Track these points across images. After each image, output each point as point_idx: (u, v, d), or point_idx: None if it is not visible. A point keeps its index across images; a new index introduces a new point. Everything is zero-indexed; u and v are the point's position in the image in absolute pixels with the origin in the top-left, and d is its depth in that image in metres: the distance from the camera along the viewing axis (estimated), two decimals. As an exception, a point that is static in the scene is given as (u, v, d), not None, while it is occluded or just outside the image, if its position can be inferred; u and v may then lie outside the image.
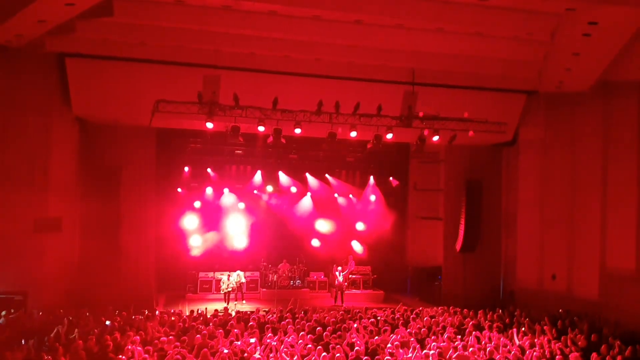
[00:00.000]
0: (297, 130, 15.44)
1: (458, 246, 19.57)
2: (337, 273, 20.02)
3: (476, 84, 17.04)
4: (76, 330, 12.27)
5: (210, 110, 14.73)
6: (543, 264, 18.37)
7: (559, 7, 12.35)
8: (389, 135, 15.94)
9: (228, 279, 19.03)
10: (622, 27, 13.04)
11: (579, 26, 13.15)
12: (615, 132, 16.79)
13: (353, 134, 15.70)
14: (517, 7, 12.58)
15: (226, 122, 15.34)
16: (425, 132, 16.00)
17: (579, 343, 12.87)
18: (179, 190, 20.95)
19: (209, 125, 14.99)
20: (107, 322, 13.27)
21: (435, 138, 16.19)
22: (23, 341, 11.11)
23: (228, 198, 21.48)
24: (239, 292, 19.36)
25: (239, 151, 20.96)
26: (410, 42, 14.03)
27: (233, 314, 15.30)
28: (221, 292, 19.05)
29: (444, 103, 16.58)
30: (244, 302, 19.13)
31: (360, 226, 22.56)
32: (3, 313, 12.83)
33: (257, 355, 11.15)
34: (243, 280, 19.57)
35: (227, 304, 18.27)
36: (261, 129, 15.36)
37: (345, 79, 16.29)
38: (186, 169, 21.04)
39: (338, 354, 11.23)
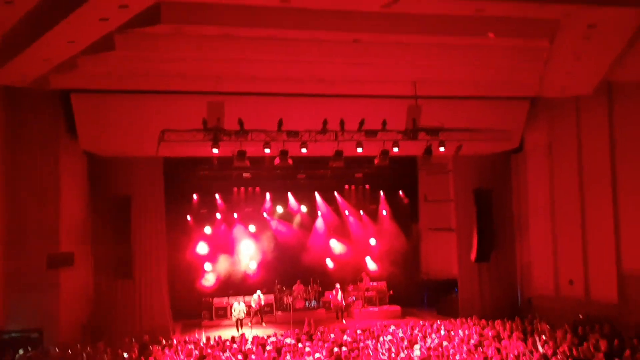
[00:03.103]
0: (304, 150, 15.52)
1: (472, 256, 19.42)
2: (334, 292, 19.92)
3: (479, 94, 17.03)
4: (94, 364, 12.27)
5: (215, 137, 14.83)
6: (559, 270, 18.17)
7: (556, 12, 12.35)
8: (395, 149, 15.97)
9: (240, 305, 18.93)
10: (621, 28, 13.00)
11: (577, 30, 13.13)
12: (621, 133, 16.66)
13: (359, 150, 15.75)
14: (514, 15, 12.59)
15: (232, 147, 15.42)
16: (431, 144, 16.01)
17: (602, 348, 12.69)
18: (189, 218, 20.99)
19: (215, 151, 15.07)
20: (125, 355, 13.24)
21: (442, 149, 16.20)
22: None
23: (238, 222, 21.49)
24: (260, 314, 19.26)
25: (246, 175, 21.00)
26: (409, 56, 14.06)
27: (250, 339, 15.21)
28: (233, 319, 18.91)
29: (448, 114, 16.60)
30: (263, 324, 19.02)
31: (372, 242, 22.46)
32: (20, 352, 12.83)
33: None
34: (262, 302, 19.49)
35: (241, 328, 18.19)
36: (267, 151, 15.42)
37: (349, 97, 16.34)
38: (195, 196, 21.13)
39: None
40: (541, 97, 17.74)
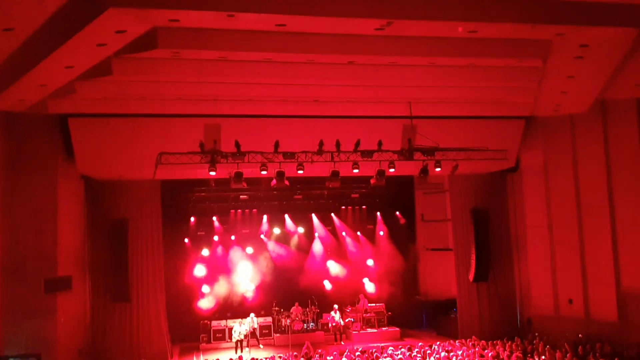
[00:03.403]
0: (300, 172, 15.57)
1: (471, 276, 19.38)
2: (332, 313, 19.87)
3: (474, 113, 17.21)
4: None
5: (212, 159, 14.87)
6: (558, 289, 18.12)
7: (548, 33, 12.52)
8: (392, 170, 16.02)
9: (240, 326, 18.83)
10: (613, 47, 13.16)
11: (570, 49, 13.29)
12: (617, 150, 16.80)
13: (355, 170, 15.80)
14: (507, 36, 12.76)
15: (229, 168, 15.46)
16: (427, 164, 16.09)
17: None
18: (186, 240, 20.96)
19: (212, 173, 15.11)
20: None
21: (438, 169, 16.25)
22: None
23: (235, 245, 21.44)
24: (254, 338, 19.15)
25: (244, 196, 21.04)
26: (404, 77, 14.19)
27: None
28: (232, 340, 18.80)
29: (444, 134, 16.65)
30: (261, 346, 18.89)
31: (370, 263, 22.41)
32: (17, 377, 12.74)
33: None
34: (256, 325, 19.39)
35: (242, 351, 18.06)
36: (264, 172, 15.47)
37: (344, 118, 16.50)
38: (192, 218, 21.12)
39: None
40: (536, 117, 17.89)
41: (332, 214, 22.79)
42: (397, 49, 12.51)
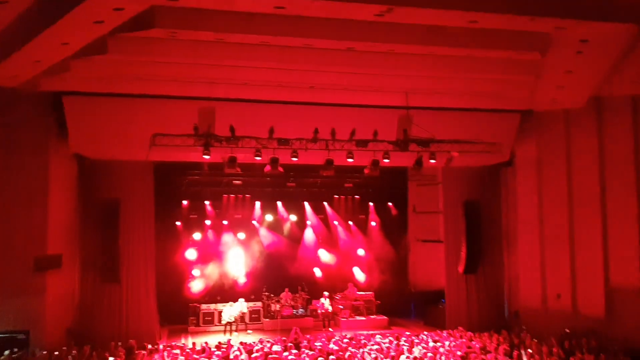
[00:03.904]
0: (294, 159, 15.53)
1: (461, 268, 19.45)
2: (322, 300, 19.96)
3: (470, 106, 17.18)
4: (78, 368, 12.16)
5: (206, 142, 14.81)
6: (547, 283, 18.21)
7: (548, 26, 12.49)
8: (386, 160, 15.99)
9: (230, 308, 18.93)
10: (613, 43, 13.19)
11: (569, 44, 13.29)
12: (611, 147, 16.85)
13: (350, 160, 15.75)
14: (506, 27, 12.73)
15: (223, 153, 15.40)
16: (422, 155, 16.07)
17: (587, 362, 12.75)
18: (178, 223, 20.92)
19: (206, 157, 15.04)
20: (110, 359, 13.13)
21: (432, 161, 16.24)
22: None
23: (227, 230, 21.43)
24: (242, 322, 19.20)
25: (237, 182, 20.99)
26: (402, 66, 14.16)
27: (236, 346, 15.13)
28: (222, 322, 18.89)
29: (439, 125, 16.62)
30: (249, 331, 18.94)
31: (361, 252, 22.45)
32: (6, 353, 12.72)
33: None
34: (245, 310, 19.44)
35: (230, 334, 18.12)
36: (258, 158, 15.41)
37: (340, 106, 16.41)
38: (184, 202, 21.07)
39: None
40: (532, 111, 17.89)
41: (325, 203, 22.78)
42: (396, 37, 12.47)
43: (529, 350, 13.99)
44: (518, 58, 14.24)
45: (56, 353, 13.34)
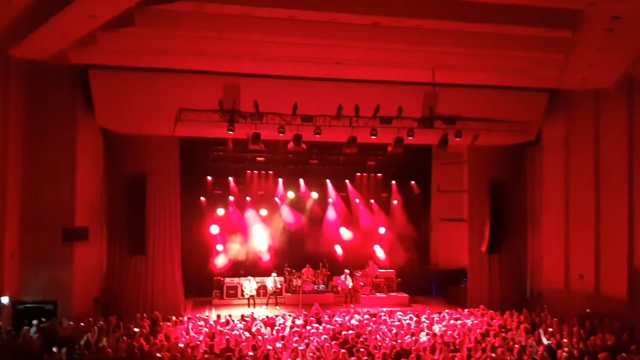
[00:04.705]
0: (318, 135, 15.51)
1: (484, 247, 19.39)
2: (343, 278, 20.08)
3: (498, 83, 16.88)
4: (105, 338, 12.43)
5: (231, 118, 14.87)
6: (570, 264, 18.08)
7: (581, 2, 12.19)
8: (410, 138, 15.87)
9: (250, 283, 19.27)
10: (646, 20, 12.83)
11: (601, 21, 12.96)
12: (640, 128, 16.50)
13: (373, 137, 15.67)
14: (538, 4, 12.46)
15: (247, 129, 15.46)
16: (447, 133, 15.89)
17: (608, 342, 12.67)
18: (202, 199, 21.14)
19: (231, 132, 15.11)
20: (136, 330, 13.41)
21: (458, 139, 16.07)
22: (55, 349, 11.27)
23: (250, 206, 21.59)
24: (275, 297, 19.52)
25: (260, 158, 21.06)
26: (429, 42, 13.90)
27: (259, 319, 15.34)
28: (245, 295, 19.24)
29: (466, 103, 16.49)
30: (277, 307, 19.13)
31: (382, 231, 22.46)
32: (34, 322, 13.05)
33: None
34: (279, 285, 19.77)
35: (254, 307, 18.40)
36: (282, 134, 15.43)
37: (365, 82, 16.27)
38: (209, 177, 21.26)
39: (364, 358, 11.21)
40: (560, 90, 17.56)
41: (347, 181, 22.77)
42: (424, 12, 12.27)
43: (550, 330, 13.95)
44: (548, 35, 13.92)
45: (82, 324, 13.64)
